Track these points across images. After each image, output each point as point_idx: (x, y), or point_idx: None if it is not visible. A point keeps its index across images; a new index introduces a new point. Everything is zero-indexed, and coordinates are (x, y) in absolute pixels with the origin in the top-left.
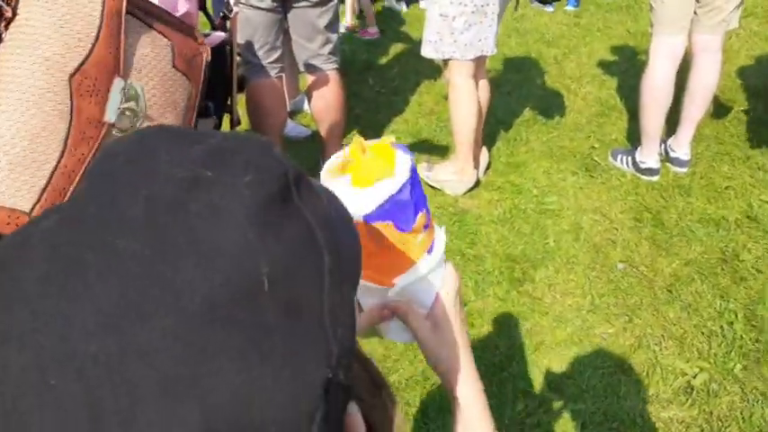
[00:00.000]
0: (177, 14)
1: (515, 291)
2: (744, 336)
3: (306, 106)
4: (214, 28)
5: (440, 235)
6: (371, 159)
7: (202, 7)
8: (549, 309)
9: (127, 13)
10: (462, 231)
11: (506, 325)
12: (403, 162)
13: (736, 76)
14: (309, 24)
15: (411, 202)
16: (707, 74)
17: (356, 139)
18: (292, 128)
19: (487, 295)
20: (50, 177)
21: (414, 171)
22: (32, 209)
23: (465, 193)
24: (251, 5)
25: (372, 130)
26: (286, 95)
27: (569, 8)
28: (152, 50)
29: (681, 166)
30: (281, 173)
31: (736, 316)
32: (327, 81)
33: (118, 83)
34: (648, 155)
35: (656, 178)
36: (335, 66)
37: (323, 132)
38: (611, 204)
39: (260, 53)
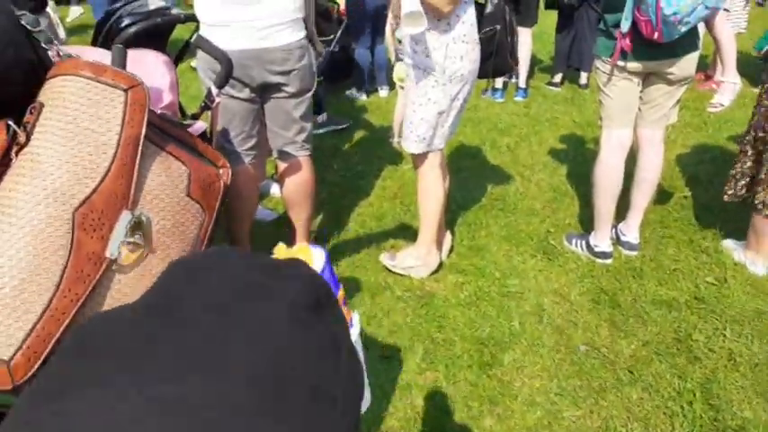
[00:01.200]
0: (162, 105)
1: (485, 375)
2: (703, 415)
3: (272, 190)
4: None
5: (355, 316)
6: (296, 252)
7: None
8: (519, 392)
9: (145, 138)
10: (430, 315)
11: (478, 411)
12: (319, 254)
13: (675, 164)
14: (285, 114)
15: (330, 281)
16: (651, 164)
17: (279, 245)
18: (259, 211)
19: (458, 380)
20: (37, 321)
21: (328, 260)
22: (12, 357)
23: (430, 276)
24: (230, 95)
25: (338, 214)
26: None
27: (518, 99)
28: (166, 178)
29: (631, 249)
30: (319, 289)
31: (695, 395)
32: (300, 167)
33: (125, 216)
34: (601, 239)
35: (609, 261)
36: (308, 152)
37: (292, 216)
38: (569, 287)
39: (235, 140)
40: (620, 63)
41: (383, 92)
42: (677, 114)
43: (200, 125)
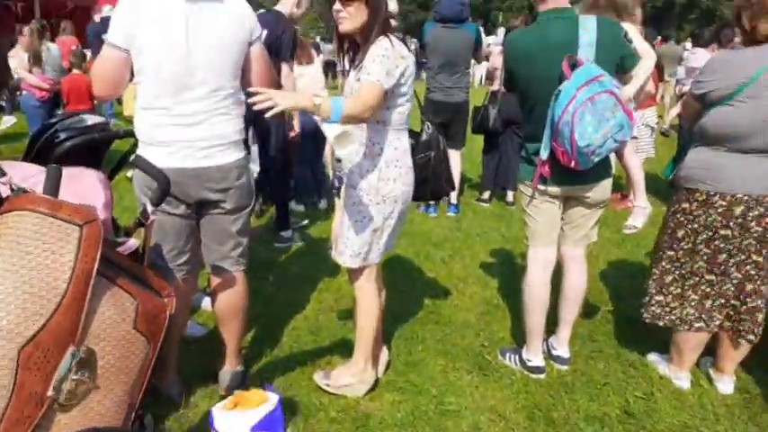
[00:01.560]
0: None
1: None
2: None
3: (204, 304)
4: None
5: None
6: (252, 395)
7: None
8: None
9: (96, 273)
10: None
11: None
12: (273, 396)
13: (599, 280)
14: (222, 230)
15: (281, 418)
16: (576, 280)
17: (236, 392)
18: (189, 326)
19: None
20: None
21: (280, 404)
22: None
23: (366, 395)
24: (165, 211)
25: (272, 328)
26: None
27: (450, 213)
28: (114, 312)
29: (563, 363)
30: None
31: None
32: (233, 282)
33: (71, 353)
34: (534, 353)
35: (542, 375)
36: (243, 267)
37: (223, 332)
38: (505, 403)
39: (168, 256)
40: (541, 187)
41: (321, 204)
42: (597, 234)
43: (132, 243)
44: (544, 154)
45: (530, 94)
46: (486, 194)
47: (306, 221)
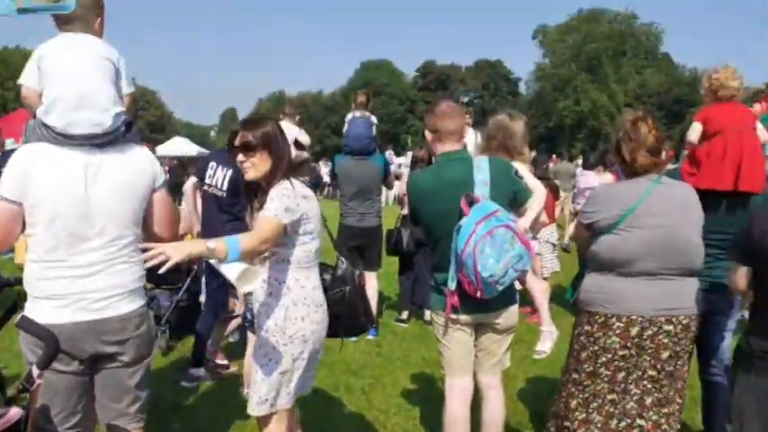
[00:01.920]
0: None
1: None
2: None
3: None
4: None
5: None
6: None
7: None
8: None
9: None
10: None
11: None
12: None
13: (518, 401)
14: (118, 384)
15: None
16: (494, 406)
17: None
18: None
19: None
20: None
21: None
22: None
23: None
24: (54, 369)
25: None
26: None
27: (370, 336)
28: None
29: None
30: None
31: None
32: None
33: None
34: None
35: None
36: (141, 424)
37: None
38: None
39: (57, 419)
40: (453, 316)
41: (232, 338)
42: (509, 358)
43: (14, 413)
44: (452, 285)
45: (433, 229)
46: (405, 314)
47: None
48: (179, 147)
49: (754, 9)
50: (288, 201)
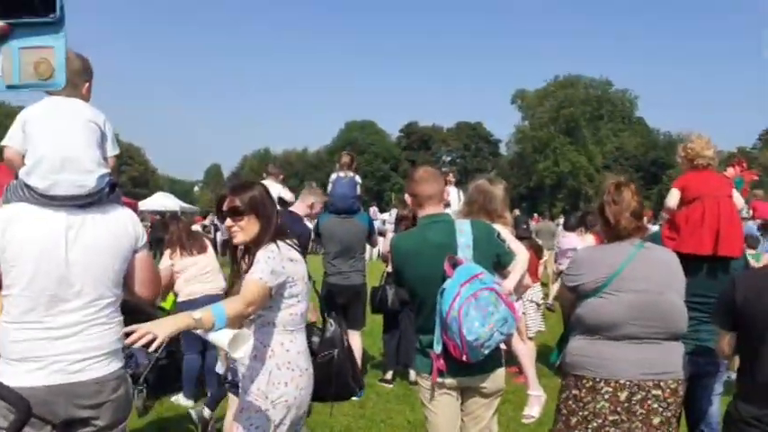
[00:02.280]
0: None
1: None
2: None
3: None
4: None
5: None
6: None
7: None
8: None
9: None
10: None
11: None
12: None
13: None
14: None
15: None
16: None
17: None
18: None
19: None
20: None
21: None
22: None
23: None
24: None
25: None
26: None
27: (354, 398)
28: None
29: None
30: None
31: None
32: None
33: None
34: None
35: None
36: None
37: None
38: None
39: None
40: (439, 380)
41: (184, 401)
42: (496, 423)
43: None
44: (437, 348)
45: (416, 291)
46: (389, 374)
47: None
48: (161, 202)
49: (722, 75)
50: (273, 263)
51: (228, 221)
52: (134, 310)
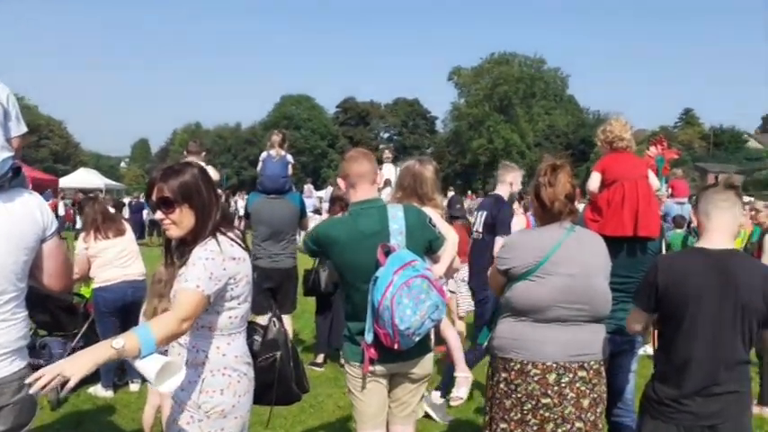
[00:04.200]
0: None
1: None
2: None
3: None
4: None
5: None
6: None
7: None
8: None
9: None
10: None
11: None
12: None
13: None
14: None
15: None
16: None
17: None
18: None
19: None
20: None
21: None
22: None
23: None
24: None
25: None
26: None
27: None
28: None
29: None
30: None
31: None
32: None
33: None
34: None
35: None
36: None
37: None
38: None
39: None
40: (370, 368)
41: (134, 386)
42: (422, 408)
43: None
44: (369, 337)
45: (347, 279)
46: (320, 357)
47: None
48: (84, 178)
49: (649, 55)
50: (212, 266)
51: (159, 214)
52: (44, 299)
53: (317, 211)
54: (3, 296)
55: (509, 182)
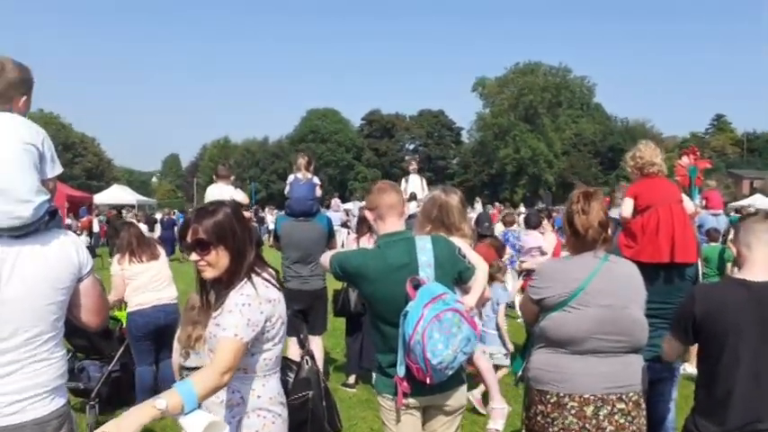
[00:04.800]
0: None
1: None
2: None
3: None
4: None
5: None
6: None
7: None
8: None
9: None
10: None
11: None
12: None
13: None
14: None
15: None
16: None
17: None
18: None
19: None
20: None
21: None
22: None
23: None
24: None
25: None
26: None
27: None
28: None
29: None
30: None
31: None
32: None
33: None
34: None
35: None
36: None
37: None
38: None
39: None
40: (404, 401)
41: None
42: None
43: None
44: (401, 370)
45: (377, 312)
46: (352, 378)
47: None
48: (117, 195)
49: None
50: (250, 312)
51: (194, 255)
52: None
53: (345, 225)
54: (41, 336)
55: None
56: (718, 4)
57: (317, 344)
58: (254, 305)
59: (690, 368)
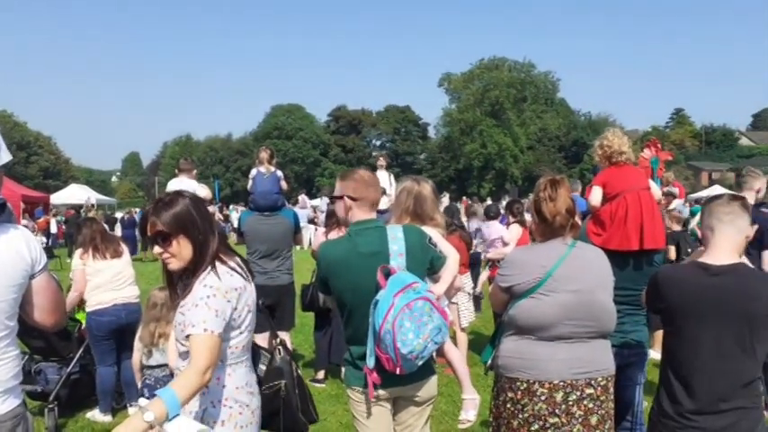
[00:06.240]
0: None
1: None
2: None
3: None
4: None
5: None
6: None
7: None
8: None
9: None
10: None
11: None
12: None
13: None
14: None
15: None
16: None
17: None
18: None
19: None
20: None
21: None
22: None
23: None
24: None
25: None
26: None
27: None
28: None
29: None
30: None
31: None
32: None
33: None
34: None
35: None
36: None
37: None
38: None
39: None
40: (374, 393)
41: (132, 409)
42: (429, 430)
43: None
44: (370, 362)
45: (345, 301)
46: (321, 374)
47: None
48: (75, 194)
49: (637, 55)
50: (215, 303)
51: (157, 248)
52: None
53: (312, 221)
54: None
55: (756, 189)
56: (679, 3)
57: (285, 338)
58: (219, 295)
59: (655, 353)
